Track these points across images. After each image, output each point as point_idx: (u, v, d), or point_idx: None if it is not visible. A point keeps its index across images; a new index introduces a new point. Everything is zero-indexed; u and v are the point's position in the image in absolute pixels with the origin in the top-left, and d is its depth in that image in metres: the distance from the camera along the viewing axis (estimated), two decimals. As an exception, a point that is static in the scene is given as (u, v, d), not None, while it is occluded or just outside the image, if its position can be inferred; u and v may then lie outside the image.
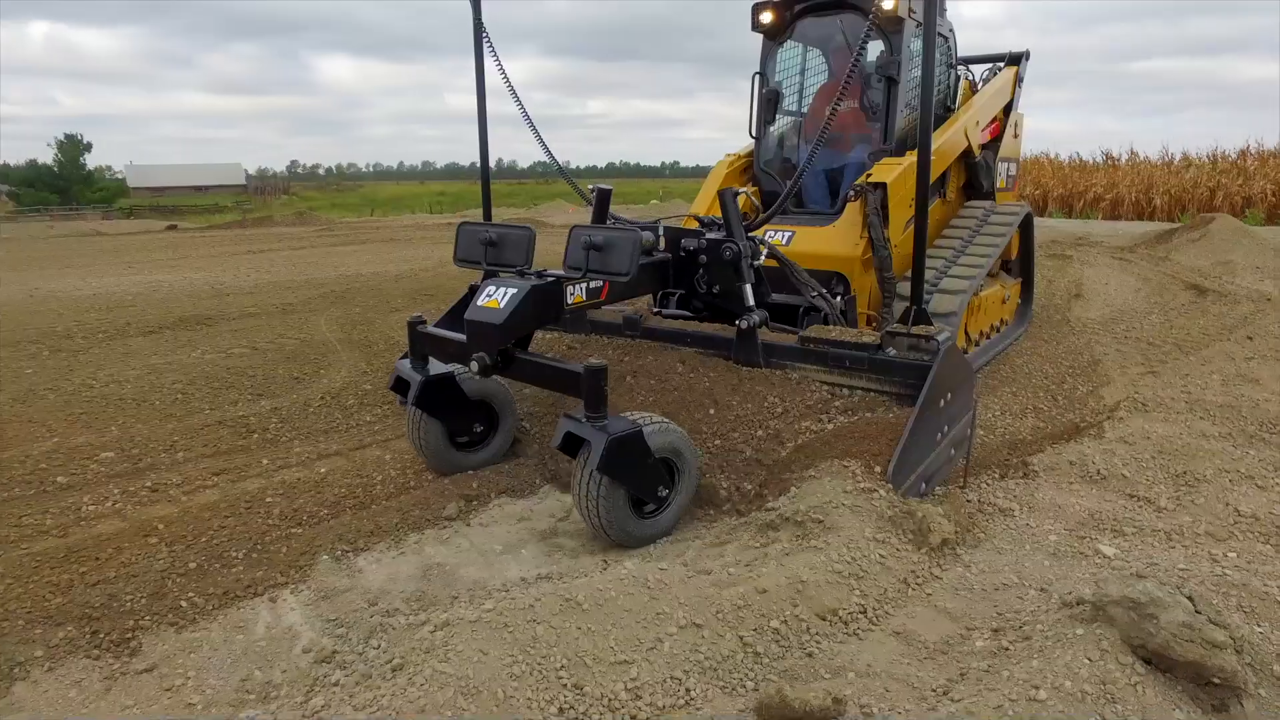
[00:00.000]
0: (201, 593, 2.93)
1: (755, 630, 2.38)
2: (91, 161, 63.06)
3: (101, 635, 2.67)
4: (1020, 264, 7.04)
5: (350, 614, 2.80)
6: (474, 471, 3.98)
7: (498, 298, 3.36)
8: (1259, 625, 2.25)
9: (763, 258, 4.18)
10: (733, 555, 2.86)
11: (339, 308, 8.85)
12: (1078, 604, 2.39)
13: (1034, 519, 3.32)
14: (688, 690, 2.18)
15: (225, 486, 3.87)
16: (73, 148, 62.08)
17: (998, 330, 6.36)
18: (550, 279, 3.44)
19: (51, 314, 8.46)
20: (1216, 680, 2.00)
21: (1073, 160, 26.59)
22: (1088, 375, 5.58)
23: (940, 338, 3.50)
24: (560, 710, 2.03)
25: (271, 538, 3.35)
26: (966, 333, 5.58)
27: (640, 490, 3.17)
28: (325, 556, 3.18)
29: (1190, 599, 2.05)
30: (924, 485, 3.33)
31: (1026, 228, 6.81)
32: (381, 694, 1.99)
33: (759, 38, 6.31)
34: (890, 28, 5.56)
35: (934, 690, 2.18)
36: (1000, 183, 6.85)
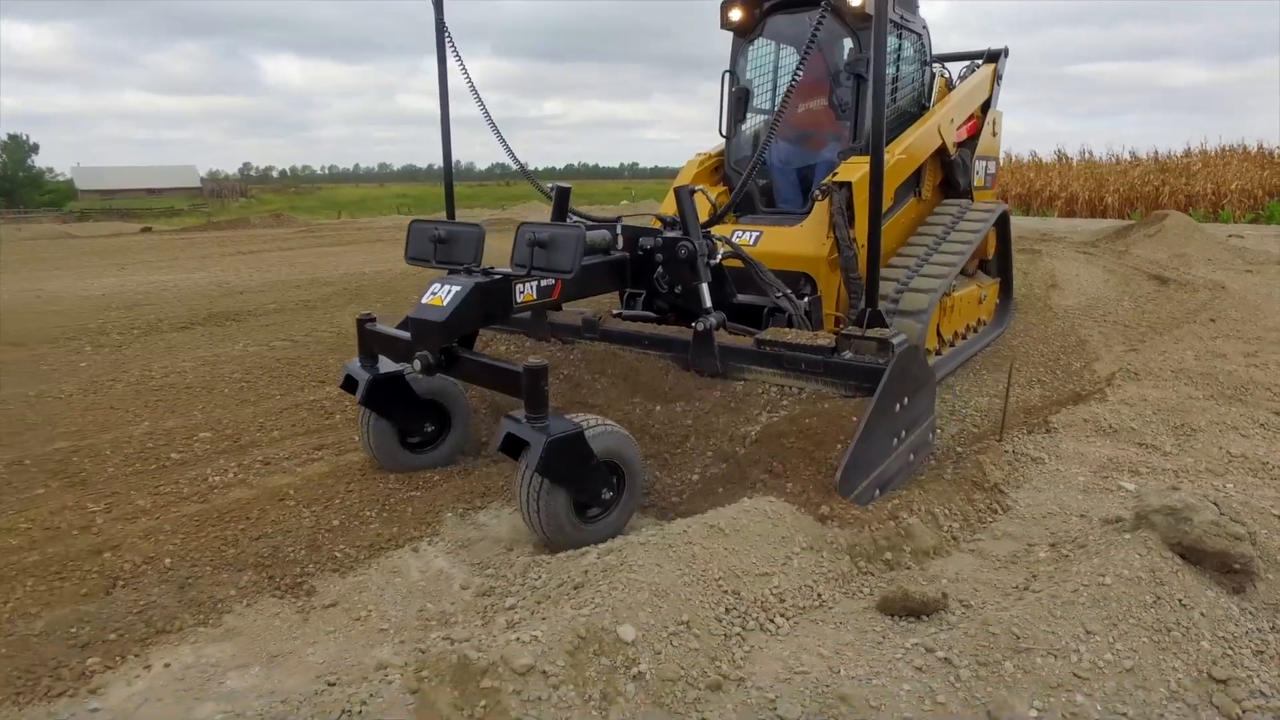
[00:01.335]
0: (351, 544, 3.28)
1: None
2: (36, 163, 60.86)
3: (278, 579, 3.02)
4: (998, 263, 6.90)
5: (492, 558, 3.19)
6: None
7: (442, 295, 3.32)
8: (1263, 529, 2.81)
9: (719, 256, 4.10)
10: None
11: (359, 304, 9.09)
12: (1117, 520, 2.94)
13: (1062, 465, 3.88)
14: (819, 595, 2.66)
15: (331, 459, 4.20)
16: (17, 148, 59.84)
17: (974, 330, 6.23)
18: (497, 277, 3.40)
19: (71, 313, 8.54)
20: (1237, 566, 2.54)
21: (1032, 159, 27.89)
22: (1078, 353, 6.22)
23: (895, 340, 3.42)
24: (727, 610, 2.48)
25: (396, 499, 3.71)
26: (939, 333, 5.48)
27: (581, 493, 3.06)
28: (449, 514, 3.56)
29: (1215, 504, 2.60)
30: (878, 491, 3.26)
31: (1003, 226, 6.69)
32: (587, 597, 2.41)
33: (717, 39, 6.40)
34: (859, 25, 5.47)
35: (1014, 588, 2.70)
36: (978, 181, 6.67)
